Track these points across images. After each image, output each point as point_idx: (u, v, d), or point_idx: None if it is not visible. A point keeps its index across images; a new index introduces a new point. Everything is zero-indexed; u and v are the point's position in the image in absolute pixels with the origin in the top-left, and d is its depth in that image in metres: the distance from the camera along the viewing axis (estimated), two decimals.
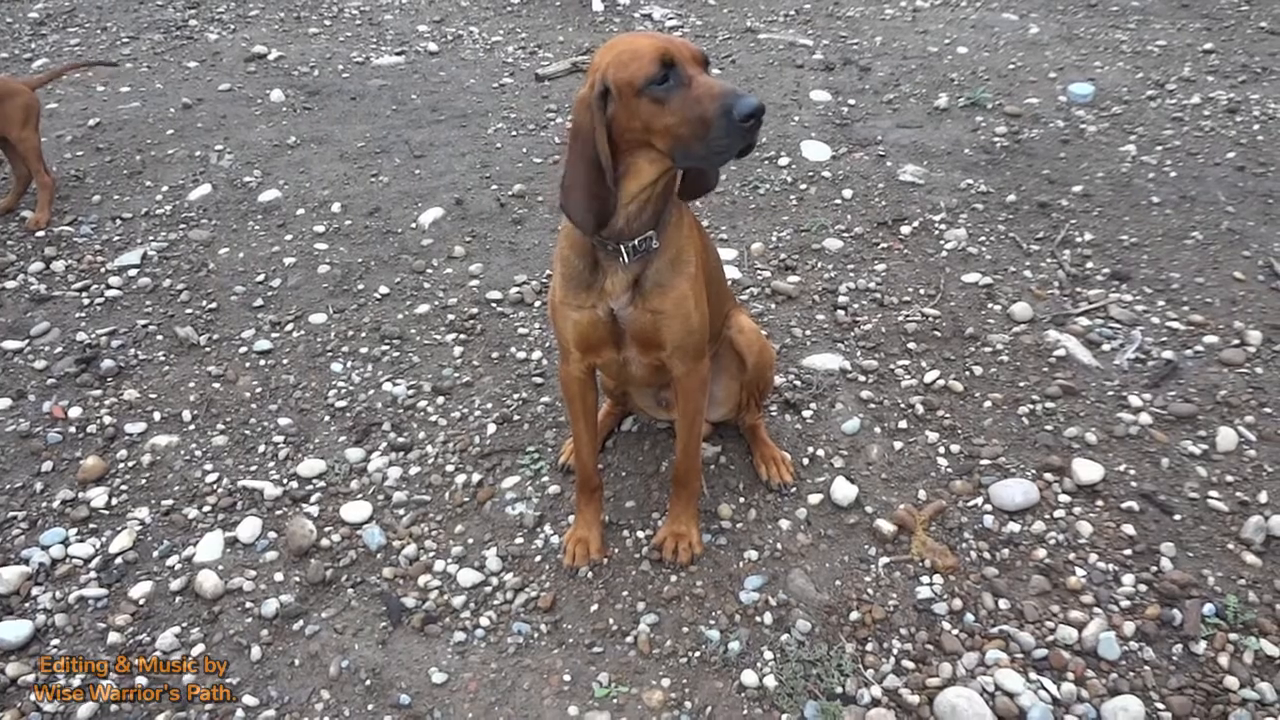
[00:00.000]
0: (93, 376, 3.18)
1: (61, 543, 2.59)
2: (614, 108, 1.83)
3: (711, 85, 1.79)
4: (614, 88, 1.82)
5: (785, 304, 3.36)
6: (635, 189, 1.93)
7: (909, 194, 3.98)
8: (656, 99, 1.79)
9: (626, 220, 1.97)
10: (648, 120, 1.82)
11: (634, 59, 1.80)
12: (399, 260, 3.75)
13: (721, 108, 1.75)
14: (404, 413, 2.98)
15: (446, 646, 2.26)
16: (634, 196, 1.94)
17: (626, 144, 1.86)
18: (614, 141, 1.86)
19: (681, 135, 1.80)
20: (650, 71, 1.78)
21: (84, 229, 4.06)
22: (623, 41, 1.87)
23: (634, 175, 1.91)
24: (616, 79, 1.82)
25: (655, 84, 1.79)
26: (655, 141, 1.84)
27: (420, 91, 5.33)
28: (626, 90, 1.81)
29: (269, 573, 2.47)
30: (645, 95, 1.80)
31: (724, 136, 1.76)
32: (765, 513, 2.55)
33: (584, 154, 1.85)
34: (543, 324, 3.33)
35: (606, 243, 1.99)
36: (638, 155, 1.88)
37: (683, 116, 1.78)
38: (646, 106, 1.80)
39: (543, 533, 2.54)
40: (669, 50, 1.80)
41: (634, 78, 1.79)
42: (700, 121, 1.77)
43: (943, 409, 2.85)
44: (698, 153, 1.81)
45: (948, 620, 2.24)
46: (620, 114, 1.83)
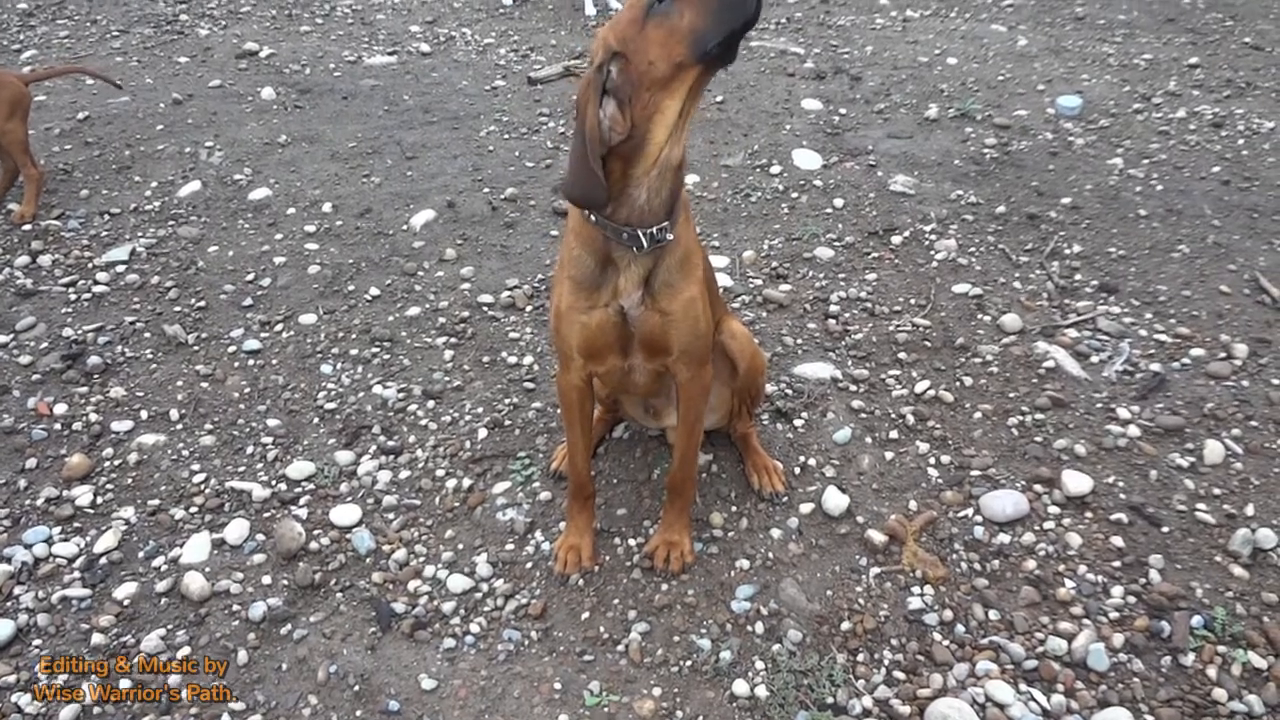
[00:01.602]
0: (79, 373, 3.15)
1: (45, 541, 2.56)
2: (627, 65, 1.83)
3: None
4: (620, 42, 1.83)
5: (777, 312, 3.36)
6: (662, 137, 1.89)
7: (899, 204, 3.99)
8: (663, 14, 1.80)
9: (649, 194, 1.95)
10: (664, 39, 1.81)
11: (628, 9, 1.85)
12: (390, 262, 3.73)
13: None
14: (394, 416, 2.97)
15: (436, 653, 2.24)
16: (659, 150, 1.90)
17: (649, 93, 1.85)
18: (634, 105, 1.85)
19: (698, 23, 1.78)
20: (646, 1, 1.81)
21: (71, 223, 4.02)
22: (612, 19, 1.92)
23: (659, 119, 1.87)
24: (619, 32, 1.84)
25: (654, 5, 1.80)
26: (675, 55, 1.81)
27: (412, 92, 5.32)
28: (632, 30, 1.82)
29: (257, 575, 2.45)
30: (651, 20, 1.81)
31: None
32: (757, 522, 2.56)
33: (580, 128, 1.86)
34: (534, 329, 3.32)
35: (623, 230, 1.98)
36: (659, 96, 1.85)
37: (690, 9, 1.78)
38: (655, 29, 1.80)
39: (534, 539, 2.54)
40: None
41: (635, 15, 1.82)
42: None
43: (933, 419, 2.86)
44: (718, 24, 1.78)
45: (938, 631, 2.25)
46: (636, 61, 1.82)
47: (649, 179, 1.94)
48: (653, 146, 1.90)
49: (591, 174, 1.87)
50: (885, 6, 7.09)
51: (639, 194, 1.95)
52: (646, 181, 1.94)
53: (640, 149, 1.90)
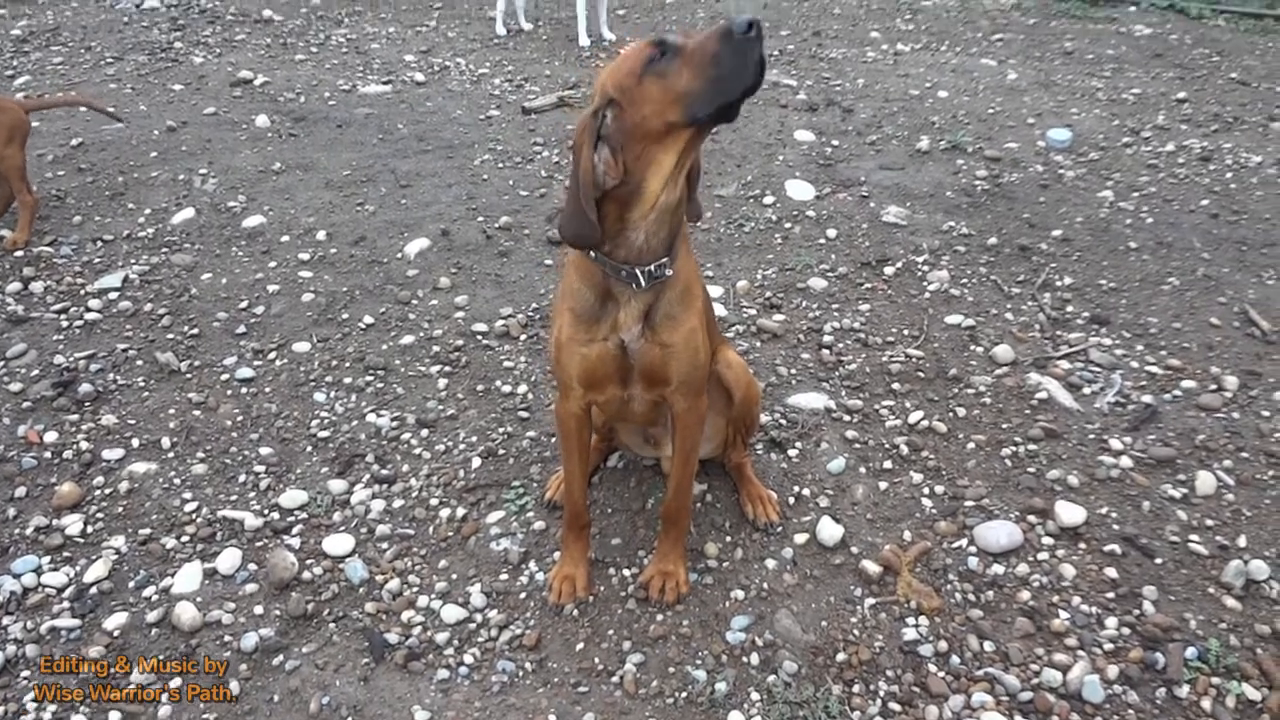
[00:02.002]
0: (70, 401, 3.14)
1: (34, 571, 2.53)
2: (623, 113, 1.85)
3: (704, 32, 1.82)
4: (617, 90, 1.85)
5: (771, 342, 3.38)
6: (657, 186, 1.91)
7: (892, 235, 4.02)
8: (660, 73, 1.82)
9: (646, 236, 1.96)
10: (659, 97, 1.82)
11: (627, 57, 1.86)
12: (384, 290, 3.74)
13: (721, 35, 1.77)
14: (388, 444, 2.96)
15: (430, 684, 2.23)
16: (655, 198, 1.92)
17: (642, 145, 1.87)
18: (627, 153, 1.88)
19: (693, 88, 1.79)
20: (647, 53, 1.82)
21: (64, 250, 4.02)
22: (612, 62, 1.93)
23: (654, 170, 1.89)
24: (618, 80, 1.85)
25: (655, 61, 1.82)
26: (669, 115, 1.83)
27: (407, 121, 5.35)
28: (630, 81, 1.84)
29: (249, 605, 2.43)
30: (649, 75, 1.82)
31: (732, 58, 1.76)
32: (751, 552, 2.55)
33: (576, 171, 1.89)
34: (529, 357, 3.32)
35: (621, 269, 1.99)
36: (653, 149, 1.88)
37: (688, 71, 1.79)
38: (652, 86, 1.82)
39: (528, 569, 2.52)
40: (660, 34, 1.85)
41: (634, 66, 1.84)
42: (708, 59, 1.77)
43: (927, 450, 2.87)
44: (713, 94, 1.79)
45: (934, 662, 2.24)
46: (630, 112, 1.84)
47: (646, 222, 1.96)
48: (648, 194, 1.93)
49: (584, 215, 1.89)
50: (876, 40, 7.18)
51: (636, 236, 1.97)
52: (644, 225, 1.96)
53: (636, 195, 1.92)
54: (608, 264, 2.00)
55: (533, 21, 7.60)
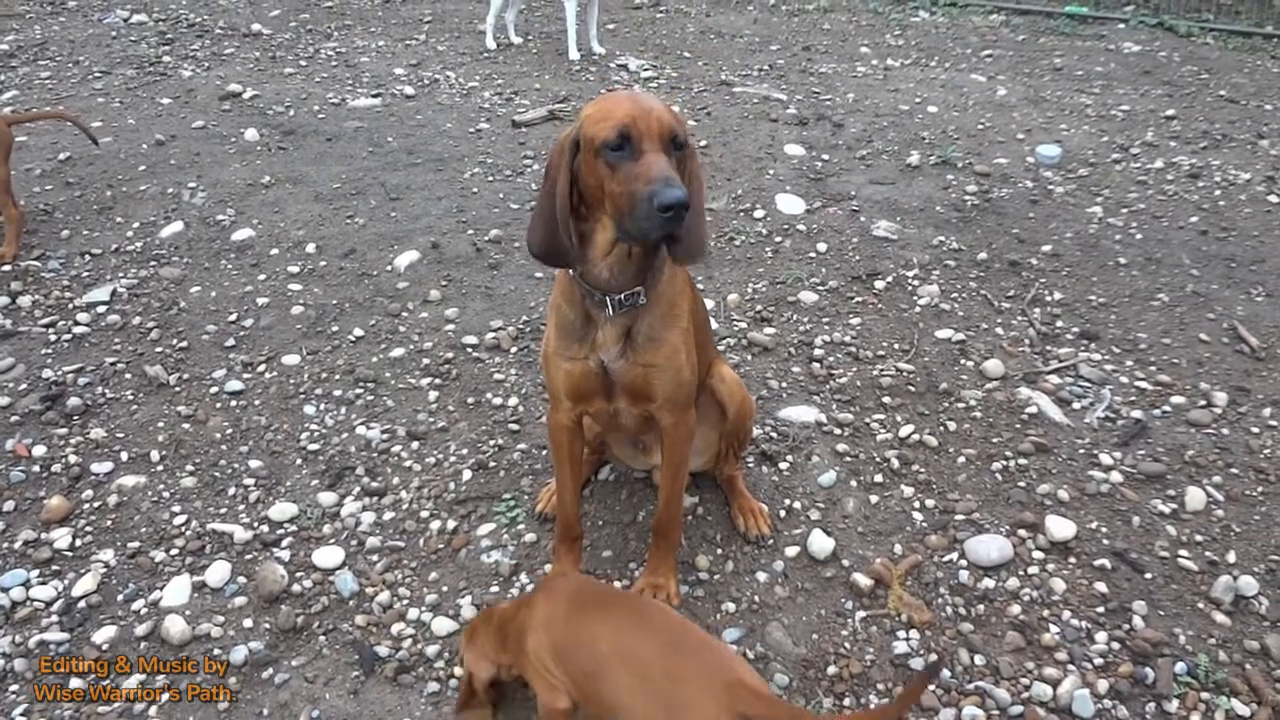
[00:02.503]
0: (58, 414, 3.12)
1: (23, 585, 2.52)
2: (580, 159, 1.90)
3: (651, 168, 1.80)
4: (583, 140, 1.89)
5: (761, 355, 3.38)
6: (604, 243, 1.97)
7: (882, 249, 4.04)
8: (609, 164, 1.86)
9: (610, 273, 2.00)
10: (599, 180, 1.88)
11: (603, 120, 1.86)
12: (374, 303, 3.73)
13: (648, 192, 1.78)
14: (378, 457, 2.95)
15: (420, 697, 2.22)
16: (606, 250, 1.98)
17: (590, 201, 1.93)
18: (586, 196, 1.93)
19: (619, 205, 1.86)
20: (608, 137, 1.84)
21: (52, 264, 4.00)
22: (610, 100, 1.92)
23: (601, 229, 1.96)
24: (585, 133, 1.89)
25: (610, 149, 1.84)
26: (605, 209, 1.91)
27: (397, 134, 5.35)
28: (588, 146, 1.88)
29: (238, 618, 2.42)
30: (601, 157, 1.86)
31: (645, 219, 1.80)
32: (743, 565, 2.55)
33: (549, 194, 1.92)
34: (519, 370, 3.32)
35: (594, 292, 2.01)
36: (597, 216, 1.95)
37: (621, 189, 1.84)
38: (600, 167, 1.87)
39: (519, 581, 2.52)
40: (633, 123, 1.83)
41: (595, 137, 1.86)
42: (630, 198, 1.82)
43: (918, 463, 2.87)
44: (626, 226, 1.86)
45: None
46: (584, 168, 1.90)
47: (606, 262, 1.99)
48: (599, 243, 1.97)
49: (556, 233, 1.92)
50: (866, 55, 7.22)
51: (600, 270, 2.01)
52: (605, 263, 2.00)
53: (590, 238, 1.98)
54: (583, 286, 2.03)
55: (522, 35, 7.62)
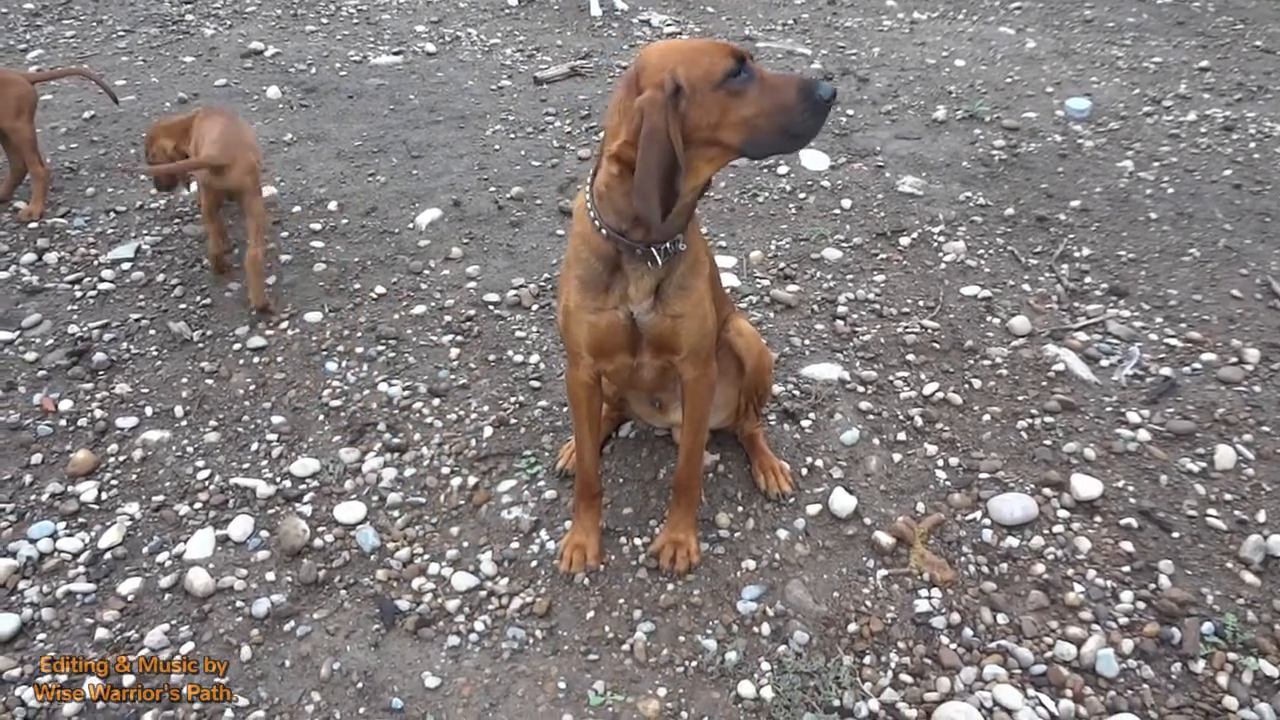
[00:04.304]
0: (84, 369, 3.14)
1: (50, 536, 2.55)
2: (685, 106, 1.83)
3: (782, 75, 1.87)
4: (687, 85, 1.82)
5: (784, 313, 3.35)
6: (688, 189, 1.93)
7: (907, 205, 3.97)
8: (734, 91, 1.83)
9: (669, 222, 1.95)
10: (722, 114, 1.84)
11: (706, 55, 1.83)
12: (396, 260, 3.72)
13: (801, 90, 1.84)
14: (399, 414, 2.95)
15: (440, 651, 2.23)
16: (684, 197, 1.93)
17: (688, 143, 1.86)
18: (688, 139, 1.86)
19: (759, 125, 1.84)
20: (728, 65, 1.82)
21: (77, 221, 4.01)
22: (679, 43, 1.89)
23: (690, 175, 1.90)
24: (691, 76, 1.82)
25: (733, 75, 1.82)
26: (724, 136, 1.86)
27: (418, 92, 5.31)
28: (703, 84, 1.82)
29: (260, 572, 2.44)
30: (723, 88, 1.82)
31: (804, 120, 1.85)
32: (763, 522, 2.54)
33: (659, 156, 1.81)
34: (540, 327, 3.31)
35: (636, 246, 1.98)
36: (694, 154, 1.88)
37: (761, 106, 1.83)
38: (723, 100, 1.83)
39: (539, 538, 2.52)
40: (734, 46, 1.85)
41: (711, 72, 1.82)
42: (780, 108, 1.83)
43: (941, 421, 2.84)
44: (771, 141, 1.88)
45: (946, 634, 2.23)
46: (693, 111, 1.83)
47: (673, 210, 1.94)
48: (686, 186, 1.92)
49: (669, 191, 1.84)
50: (892, 8, 7.08)
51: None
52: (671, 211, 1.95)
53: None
54: (622, 242, 1.99)
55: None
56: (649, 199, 1.84)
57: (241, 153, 3.44)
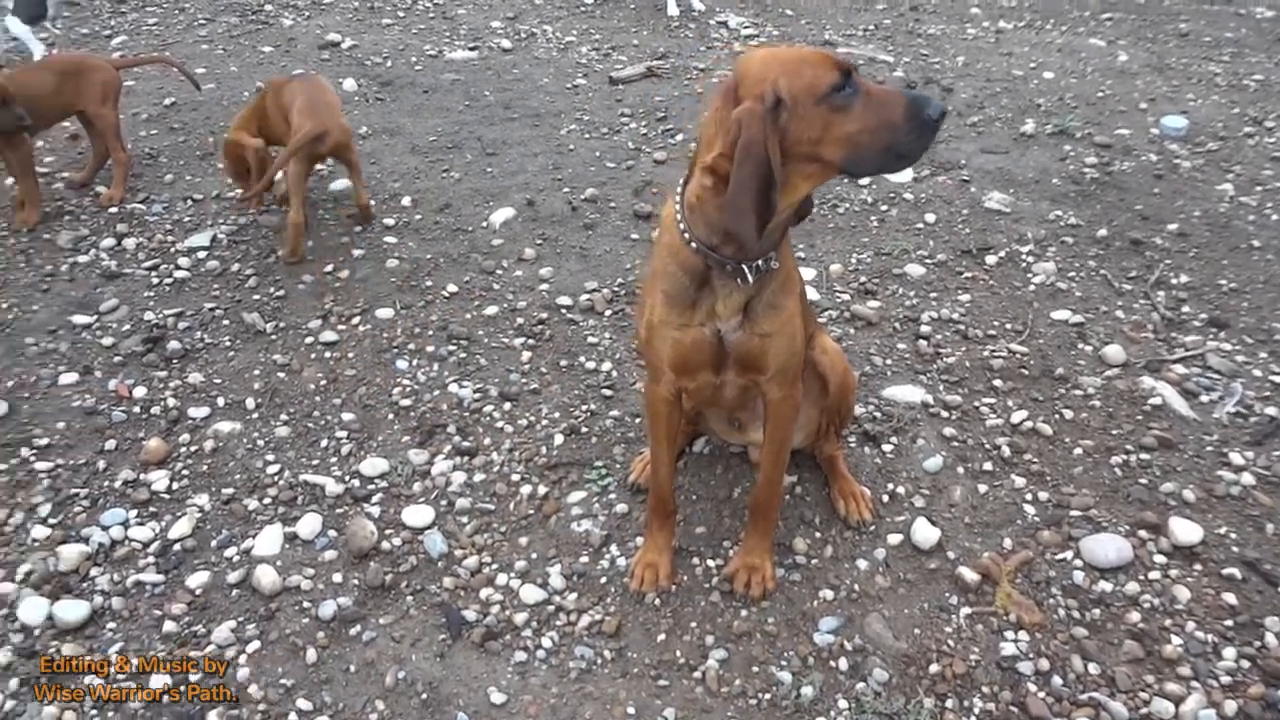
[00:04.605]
0: (159, 357, 3.15)
1: (121, 524, 2.55)
2: (785, 119, 1.75)
3: (890, 90, 1.78)
4: (789, 98, 1.74)
5: (865, 330, 3.25)
6: (784, 205, 1.86)
7: (994, 222, 3.85)
8: (838, 106, 1.74)
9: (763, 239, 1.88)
10: (824, 130, 1.76)
11: (809, 67, 1.75)
12: (468, 259, 3.68)
13: (910, 110, 1.74)
14: (469, 416, 2.91)
15: (507, 665, 2.18)
16: (780, 214, 1.86)
17: (786, 158, 1.78)
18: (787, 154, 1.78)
19: (862, 142, 1.75)
20: (832, 78, 1.73)
21: (155, 208, 4.04)
22: (781, 52, 1.81)
23: (787, 191, 1.82)
24: (793, 88, 1.74)
25: (837, 90, 1.73)
26: (825, 152, 1.78)
27: (493, 88, 5.28)
28: (806, 98, 1.74)
29: (327, 573, 2.41)
30: (826, 103, 1.74)
31: (910, 140, 1.76)
32: (842, 550, 2.45)
33: (756, 170, 1.73)
34: (613, 334, 3.24)
35: (726, 263, 1.91)
36: (792, 170, 1.80)
37: (865, 122, 1.74)
38: (826, 115, 1.75)
39: (609, 553, 2.46)
40: (839, 58, 1.76)
41: (815, 85, 1.73)
42: (885, 126, 1.74)
43: (1030, 453, 2.73)
44: (875, 159, 1.79)
45: (1034, 681, 2.13)
46: (793, 126, 1.75)
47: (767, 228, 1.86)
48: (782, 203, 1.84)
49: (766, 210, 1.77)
50: (977, 16, 6.92)
51: None
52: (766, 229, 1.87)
53: None
54: (712, 257, 1.92)
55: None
56: (743, 216, 1.77)
57: (331, 114, 3.58)
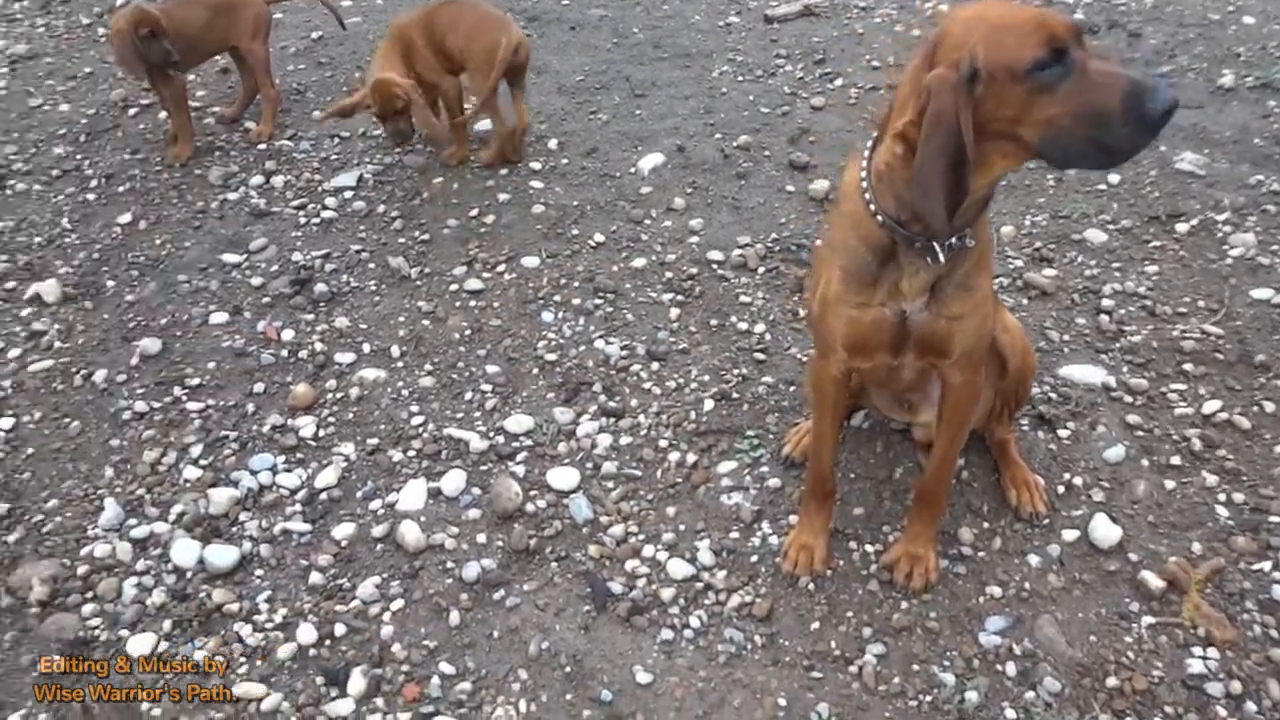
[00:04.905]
0: (306, 299, 3.15)
1: (269, 470, 2.56)
2: (980, 91, 1.55)
3: (1111, 71, 1.52)
4: (984, 70, 1.54)
5: (1040, 300, 3.01)
6: (980, 184, 1.67)
7: (1186, 186, 3.51)
8: (1041, 86, 1.52)
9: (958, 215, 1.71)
10: (1023, 110, 1.55)
11: (1013, 36, 1.53)
12: (616, 207, 3.57)
13: (1129, 99, 1.48)
14: (616, 375, 2.82)
15: (653, 643, 2.10)
16: (974, 191, 1.68)
17: (981, 134, 1.58)
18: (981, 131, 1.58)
19: (1064, 128, 1.53)
20: (1037, 55, 1.51)
21: (303, 144, 4.03)
22: (990, 11, 1.58)
23: (983, 169, 1.64)
24: (990, 60, 1.53)
25: (1041, 69, 1.51)
26: (1023, 133, 1.57)
27: (642, 25, 5.10)
28: (1003, 74, 1.53)
29: (471, 532, 2.37)
30: (1027, 81, 1.52)
31: (1125, 134, 1.51)
32: (1012, 544, 2.28)
33: (944, 145, 1.56)
34: (767, 293, 3.09)
35: (915, 239, 1.74)
36: (988, 147, 1.61)
37: (1071, 107, 1.52)
38: (1026, 94, 1.54)
39: (760, 530, 2.35)
40: (1055, 29, 1.52)
41: (1015, 60, 1.52)
42: (1096, 115, 1.50)
43: (1224, 448, 2.48)
44: (1079, 151, 1.55)
45: (1223, 704, 1.94)
46: (988, 100, 1.56)
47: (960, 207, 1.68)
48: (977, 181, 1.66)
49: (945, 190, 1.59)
50: None
51: None
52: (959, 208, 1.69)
53: None
54: (899, 232, 1.75)
55: None
56: (930, 193, 1.60)
57: (510, 24, 3.65)
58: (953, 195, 1.60)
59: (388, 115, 3.50)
